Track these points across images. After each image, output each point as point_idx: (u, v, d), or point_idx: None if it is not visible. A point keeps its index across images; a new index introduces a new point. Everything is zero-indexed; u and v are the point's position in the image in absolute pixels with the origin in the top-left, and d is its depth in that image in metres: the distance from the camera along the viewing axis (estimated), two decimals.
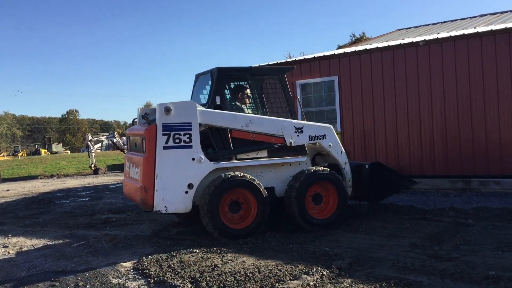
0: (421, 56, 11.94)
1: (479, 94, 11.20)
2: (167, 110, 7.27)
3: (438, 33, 13.11)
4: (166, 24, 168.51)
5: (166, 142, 7.24)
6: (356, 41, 42.54)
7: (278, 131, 7.87)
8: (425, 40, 11.97)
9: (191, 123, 7.32)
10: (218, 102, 7.78)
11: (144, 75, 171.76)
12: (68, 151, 64.37)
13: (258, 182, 7.53)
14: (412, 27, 19.04)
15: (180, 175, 7.26)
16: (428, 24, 18.46)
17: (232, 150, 7.72)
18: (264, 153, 7.92)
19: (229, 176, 7.31)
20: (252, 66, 8.22)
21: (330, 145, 8.23)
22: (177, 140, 7.26)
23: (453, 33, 12.01)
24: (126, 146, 26.99)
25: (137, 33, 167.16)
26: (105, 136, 31.85)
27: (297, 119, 8.33)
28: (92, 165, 25.44)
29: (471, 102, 11.31)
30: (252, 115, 8.00)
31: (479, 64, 11.19)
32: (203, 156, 7.33)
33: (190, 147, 7.31)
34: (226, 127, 7.64)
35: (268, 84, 8.51)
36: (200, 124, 7.41)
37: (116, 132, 32.86)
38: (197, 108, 7.42)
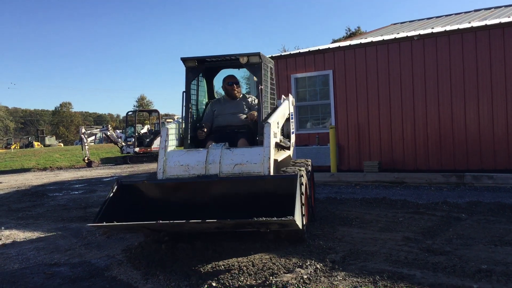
0: (415, 51, 11.95)
1: (473, 87, 11.24)
2: None
3: (433, 28, 13.12)
4: (160, 18, 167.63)
5: None
6: (351, 35, 42.50)
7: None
8: (419, 34, 11.98)
9: None
10: None
11: (138, 68, 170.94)
12: (61, 144, 64.12)
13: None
14: (407, 22, 19.05)
15: None
16: (423, 19, 18.48)
17: None
18: None
19: None
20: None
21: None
22: None
23: (448, 28, 12.03)
24: (119, 139, 27.04)
25: (131, 27, 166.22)
26: (98, 129, 31.67)
27: (188, 117, 7.24)
28: (86, 158, 25.33)
29: (465, 96, 11.35)
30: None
31: (473, 58, 11.22)
32: None
33: None
34: None
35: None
36: None
37: (109, 125, 32.73)
38: None
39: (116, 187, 6.00)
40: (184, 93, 7.15)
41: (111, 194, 5.83)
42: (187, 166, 6.44)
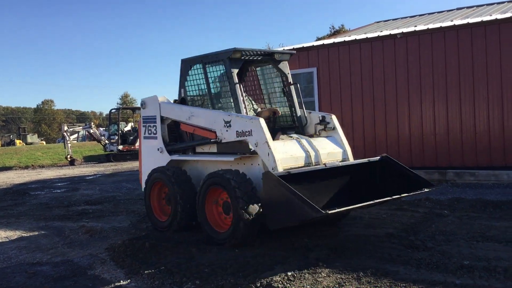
0: (398, 48, 12.02)
1: (455, 85, 11.34)
2: (142, 104, 8.29)
3: (416, 26, 13.19)
4: (143, 15, 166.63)
5: (145, 133, 8.24)
6: (335, 33, 42.63)
7: (211, 124, 7.12)
8: (402, 32, 12.05)
9: (155, 116, 7.99)
10: (182, 95, 7.90)
11: (122, 65, 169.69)
12: (44, 142, 63.37)
13: (170, 177, 7.22)
14: (390, 20, 19.14)
15: (153, 162, 7.99)
16: (406, 17, 18.58)
17: (177, 143, 7.92)
18: (214, 148, 7.29)
19: (155, 169, 7.72)
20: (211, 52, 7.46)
21: (256, 143, 6.50)
22: (149, 131, 8.11)
23: (430, 26, 12.11)
24: (102, 137, 26.81)
25: (114, 23, 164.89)
26: (81, 127, 31.35)
27: (241, 111, 7.01)
28: (68, 156, 25.09)
29: (447, 93, 11.44)
30: (194, 107, 7.59)
31: (455, 56, 11.32)
32: (163, 148, 7.87)
33: (156, 138, 8.02)
34: (177, 120, 7.79)
35: (219, 71, 7.52)
36: (163, 117, 7.93)
37: (92, 123, 32.46)
38: (160, 103, 7.95)
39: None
40: (236, 86, 7.03)
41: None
42: (296, 157, 6.63)
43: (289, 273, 5.16)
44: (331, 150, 7.16)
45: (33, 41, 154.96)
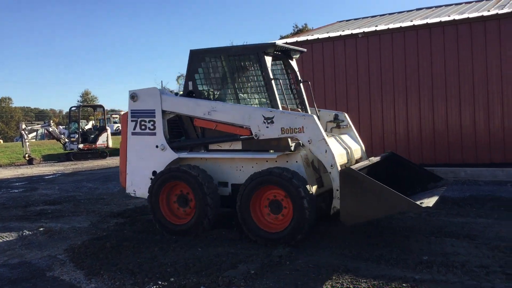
0: (360, 48, 12.19)
1: (414, 84, 11.57)
2: (132, 96, 7.49)
3: (377, 26, 13.41)
4: (104, 12, 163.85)
5: (134, 128, 7.48)
6: (299, 32, 42.91)
7: (244, 120, 6.71)
8: (364, 32, 12.22)
9: (154, 110, 7.33)
10: (190, 87, 7.31)
11: (82, 62, 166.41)
12: (1, 141, 61.70)
13: (194, 174, 6.71)
14: (352, 19, 19.39)
15: (146, 161, 7.38)
16: (367, 17, 18.85)
17: (190, 140, 7.30)
18: (238, 145, 6.94)
19: (167, 168, 7.08)
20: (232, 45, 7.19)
21: (309, 141, 6.34)
22: (143, 127, 7.41)
23: (391, 26, 12.33)
24: (62, 135, 26.24)
25: (74, 19, 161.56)
26: (40, 125, 30.61)
27: (278, 107, 6.82)
28: (26, 155, 24.47)
29: (406, 92, 11.67)
30: (216, 102, 7.05)
31: (414, 55, 11.56)
32: (166, 144, 7.19)
33: (154, 134, 7.33)
34: (189, 115, 7.21)
35: (247, 65, 7.22)
36: (165, 111, 7.29)
37: (52, 121, 31.74)
38: (162, 95, 7.29)
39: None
40: (272, 82, 6.82)
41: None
42: (341, 154, 6.81)
43: (252, 271, 5.16)
44: (354, 147, 7.42)
45: None
